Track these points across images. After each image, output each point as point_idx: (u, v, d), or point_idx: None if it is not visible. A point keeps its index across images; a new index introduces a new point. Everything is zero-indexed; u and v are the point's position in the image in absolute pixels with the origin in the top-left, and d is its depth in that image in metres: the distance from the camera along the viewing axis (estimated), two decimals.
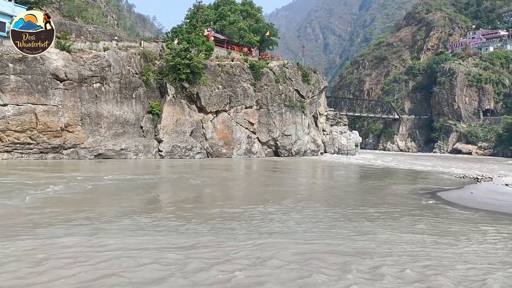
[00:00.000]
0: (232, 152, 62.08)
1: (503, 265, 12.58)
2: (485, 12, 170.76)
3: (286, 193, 26.41)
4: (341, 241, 14.41)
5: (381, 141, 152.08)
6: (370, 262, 12.15)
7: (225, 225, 16.16)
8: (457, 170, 54.03)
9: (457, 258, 13.07)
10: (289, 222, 17.38)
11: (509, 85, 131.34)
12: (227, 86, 62.96)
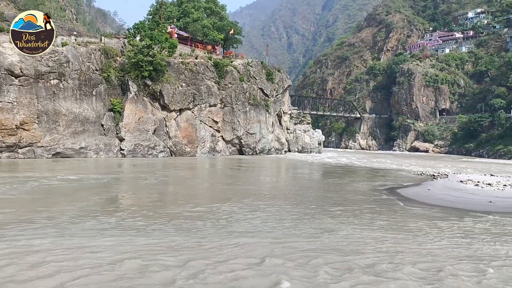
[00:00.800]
0: (196, 151, 61.59)
1: (459, 260, 13.11)
2: (442, 14, 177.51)
3: (250, 192, 26.47)
4: (306, 239, 14.60)
5: (343, 140, 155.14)
6: (337, 258, 12.37)
7: (192, 225, 16.00)
8: (415, 168, 55.89)
9: (417, 253, 13.51)
10: (255, 221, 17.43)
11: (463, 85, 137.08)
12: (191, 84, 62.36)
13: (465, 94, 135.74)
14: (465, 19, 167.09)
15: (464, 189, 31.96)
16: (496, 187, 32.85)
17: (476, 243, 15.17)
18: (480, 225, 18.58)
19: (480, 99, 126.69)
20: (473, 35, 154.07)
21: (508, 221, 19.64)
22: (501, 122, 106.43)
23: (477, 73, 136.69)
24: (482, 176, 42.48)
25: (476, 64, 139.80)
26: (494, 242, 15.42)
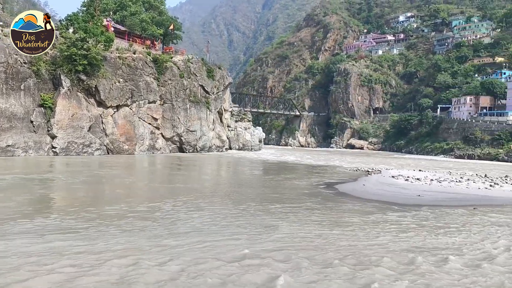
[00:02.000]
0: (134, 149, 59.81)
1: (400, 252, 13.79)
2: (375, 17, 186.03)
3: (191, 190, 26.15)
4: (246, 236, 14.66)
5: (283, 137, 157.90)
6: (279, 255, 12.53)
7: (135, 226, 15.48)
8: (351, 164, 58.12)
9: (357, 247, 14.03)
10: (196, 220, 17.23)
11: (395, 85, 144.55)
12: (128, 80, 60.38)
13: (397, 94, 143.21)
14: (396, 22, 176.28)
15: (396, 184, 33.68)
16: (424, 181, 34.97)
17: (408, 235, 16.05)
18: (409, 218, 19.68)
19: (410, 98, 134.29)
20: (404, 37, 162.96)
21: (434, 213, 20.97)
22: (429, 120, 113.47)
23: (407, 74, 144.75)
24: (411, 172, 45.06)
25: (406, 66, 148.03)
26: (422, 233, 16.42)
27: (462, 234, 16.51)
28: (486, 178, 39.56)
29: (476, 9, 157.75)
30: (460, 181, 35.48)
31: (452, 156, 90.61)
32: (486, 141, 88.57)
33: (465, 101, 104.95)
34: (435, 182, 34.43)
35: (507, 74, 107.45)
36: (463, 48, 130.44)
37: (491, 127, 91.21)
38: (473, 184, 33.64)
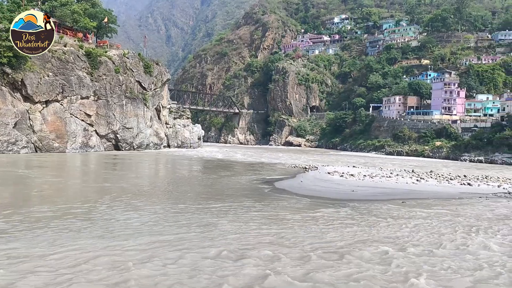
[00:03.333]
0: (66, 146, 56.86)
1: (327, 245, 14.25)
2: (312, 18, 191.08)
3: (127, 190, 25.34)
4: (189, 234, 14.47)
5: (222, 134, 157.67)
6: (213, 251, 12.48)
7: (72, 228, 14.69)
8: (289, 161, 59.28)
9: (294, 242, 14.33)
10: (137, 220, 16.72)
11: (331, 85, 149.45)
12: (59, 74, 57.23)
13: (332, 93, 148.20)
14: (332, 23, 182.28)
15: (332, 180, 34.86)
16: (357, 177, 36.52)
17: (343, 229, 16.68)
18: (345, 213, 20.47)
19: (345, 97, 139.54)
20: (339, 38, 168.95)
21: (366, 208, 21.97)
22: (362, 119, 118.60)
23: (342, 74, 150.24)
24: (346, 168, 46.86)
25: (341, 66, 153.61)
26: (352, 227, 17.15)
27: (399, 228, 17.45)
28: (413, 173, 42.09)
29: (405, 13, 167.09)
30: (390, 177, 37.46)
31: (383, 152, 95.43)
32: (413, 138, 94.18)
33: (395, 101, 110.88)
34: (367, 178, 36.06)
35: (432, 75, 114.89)
36: (393, 50, 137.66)
37: (417, 125, 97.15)
38: (401, 179, 35.65)
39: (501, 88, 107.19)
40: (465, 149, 78.79)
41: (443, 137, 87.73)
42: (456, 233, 16.84)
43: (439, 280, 11.24)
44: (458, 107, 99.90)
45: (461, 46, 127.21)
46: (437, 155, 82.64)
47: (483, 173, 46.05)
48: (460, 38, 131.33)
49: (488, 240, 15.62)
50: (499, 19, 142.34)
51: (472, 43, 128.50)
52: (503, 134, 72.57)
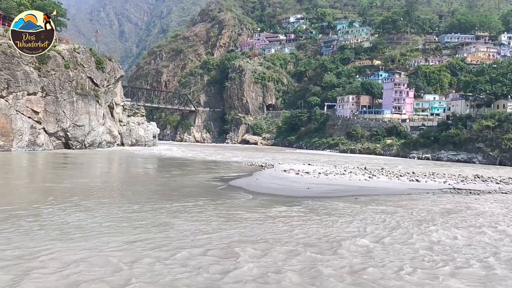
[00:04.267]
0: (11, 145, 54.03)
1: (284, 243, 14.39)
2: (268, 17, 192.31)
3: (78, 190, 24.43)
4: (140, 237, 14.15)
5: (178, 132, 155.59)
6: (166, 254, 12.27)
7: (20, 230, 13.92)
8: (246, 159, 59.40)
9: (252, 241, 14.36)
10: (89, 221, 16.15)
11: (286, 83, 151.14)
12: (4, 69, 54.27)
13: (288, 92, 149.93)
14: (287, 23, 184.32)
15: (287, 177, 35.26)
16: (312, 175, 37.17)
17: (300, 226, 16.92)
18: (301, 211, 20.76)
19: (300, 96, 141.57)
20: (294, 38, 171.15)
21: (321, 205, 22.41)
22: (317, 117, 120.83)
23: (298, 73, 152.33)
24: (302, 166, 47.56)
25: (297, 65, 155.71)
26: (308, 223, 17.45)
27: (355, 223, 17.90)
28: (366, 170, 43.38)
29: (358, 15, 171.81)
30: (344, 174, 38.41)
31: (337, 150, 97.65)
32: (366, 136, 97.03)
33: (348, 100, 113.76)
34: (322, 175, 36.79)
35: (383, 76, 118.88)
36: (346, 50, 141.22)
37: (370, 124, 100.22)
38: (354, 177, 36.65)
39: (447, 88, 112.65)
40: (414, 147, 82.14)
41: (394, 136, 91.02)
42: (407, 227, 17.53)
43: (396, 267, 11.67)
44: (407, 106, 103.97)
45: (410, 48, 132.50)
46: (388, 152, 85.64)
47: (430, 170, 48.22)
48: (409, 40, 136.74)
49: (435, 232, 16.39)
50: (445, 22, 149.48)
51: (420, 45, 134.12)
52: (449, 132, 76.26)
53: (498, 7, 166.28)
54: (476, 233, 16.94)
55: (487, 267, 12.67)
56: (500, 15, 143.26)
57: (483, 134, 70.55)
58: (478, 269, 12.50)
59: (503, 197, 27.98)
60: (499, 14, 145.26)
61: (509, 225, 18.77)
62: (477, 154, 69.47)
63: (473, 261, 13.15)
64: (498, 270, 12.44)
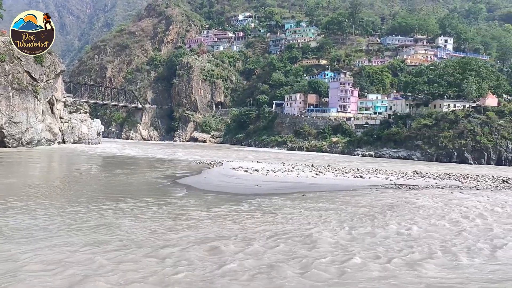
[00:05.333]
0: None
1: (228, 239, 14.39)
2: (216, 14, 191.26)
3: (14, 191, 23.07)
4: (92, 236, 13.60)
5: (124, 130, 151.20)
6: (114, 254, 11.90)
7: None
8: (194, 157, 58.79)
9: (203, 239, 14.22)
10: (31, 224, 15.26)
11: (235, 81, 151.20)
12: None
13: (237, 89, 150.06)
14: (236, 21, 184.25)
15: (236, 175, 35.32)
16: (261, 172, 37.47)
17: (250, 223, 16.98)
18: (247, 208, 20.87)
19: (249, 94, 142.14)
20: (243, 36, 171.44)
21: (270, 202, 22.65)
22: (265, 115, 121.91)
23: (246, 70, 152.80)
24: (250, 163, 47.78)
25: (246, 63, 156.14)
26: (258, 220, 17.58)
27: (304, 218, 18.21)
28: (313, 167, 44.35)
29: (305, 15, 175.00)
30: (291, 171, 39.05)
31: (285, 148, 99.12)
32: (313, 134, 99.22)
33: (296, 98, 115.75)
34: (271, 173, 37.19)
35: (329, 75, 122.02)
36: (294, 50, 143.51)
37: (316, 122, 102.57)
38: (302, 174, 37.37)
39: (389, 88, 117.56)
40: (358, 144, 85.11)
41: (339, 134, 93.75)
42: (352, 221, 18.14)
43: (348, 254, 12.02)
44: (352, 105, 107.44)
45: (355, 48, 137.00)
46: (334, 150, 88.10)
47: (373, 166, 50.17)
48: (353, 41, 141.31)
49: (377, 226, 17.09)
50: (387, 25, 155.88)
51: (364, 46, 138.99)
52: (390, 130, 79.71)
53: (436, 11, 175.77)
54: (422, 225, 17.84)
55: (450, 254, 13.48)
56: (437, 19, 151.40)
57: (421, 132, 74.40)
58: (443, 256, 13.49)
59: (439, 192, 29.67)
60: (437, 18, 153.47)
61: (445, 218, 19.93)
62: (416, 151, 73.16)
63: (435, 248, 13.94)
64: (461, 257, 13.51)
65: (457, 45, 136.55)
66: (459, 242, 15.58)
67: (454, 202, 24.64)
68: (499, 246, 15.14)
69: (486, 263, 13.25)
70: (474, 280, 11.62)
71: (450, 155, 68.73)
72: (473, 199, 26.00)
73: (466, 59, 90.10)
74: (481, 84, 78.46)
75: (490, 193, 30.07)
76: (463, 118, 71.50)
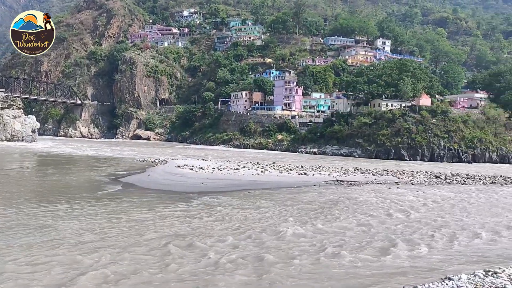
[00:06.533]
0: None
1: (176, 237, 14.19)
2: (160, 9, 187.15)
3: None
4: (26, 238, 12.84)
5: (62, 127, 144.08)
6: (63, 258, 11.35)
7: None
8: (138, 155, 57.25)
9: (149, 240, 13.88)
10: None
11: (180, 78, 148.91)
12: None
13: (182, 86, 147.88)
14: (181, 16, 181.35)
15: (181, 173, 34.84)
16: (207, 170, 37.23)
17: (196, 222, 16.83)
18: (192, 206, 20.68)
19: (194, 91, 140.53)
20: (188, 32, 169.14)
21: (215, 199, 22.57)
22: (211, 112, 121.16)
23: (192, 67, 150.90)
24: (196, 161, 47.33)
25: (191, 60, 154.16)
26: (202, 218, 17.48)
27: (248, 216, 18.29)
28: (258, 165, 44.72)
29: (250, 13, 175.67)
30: (237, 169, 39.16)
31: (231, 145, 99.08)
32: (258, 132, 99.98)
33: (242, 96, 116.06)
34: (216, 170, 37.06)
35: (274, 74, 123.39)
36: (239, 47, 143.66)
37: (262, 120, 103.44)
38: (248, 171, 37.58)
39: (331, 87, 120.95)
40: (302, 142, 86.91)
41: (284, 131, 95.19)
42: (296, 216, 18.51)
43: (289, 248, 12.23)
44: (296, 103, 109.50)
45: (299, 48, 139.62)
46: (279, 147, 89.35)
47: (317, 163, 51.48)
48: (298, 41, 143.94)
49: (318, 221, 17.59)
50: (330, 25, 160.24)
51: (307, 46, 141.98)
52: (333, 128, 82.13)
53: (375, 14, 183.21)
54: (361, 220, 18.54)
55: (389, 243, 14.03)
56: (376, 22, 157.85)
57: (362, 130, 77.34)
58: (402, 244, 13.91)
59: (378, 187, 31.04)
60: (376, 21, 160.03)
61: (384, 212, 20.88)
62: (357, 148, 75.97)
63: (395, 238, 14.42)
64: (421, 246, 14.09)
65: (395, 47, 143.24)
66: (400, 232, 16.40)
67: (392, 197, 25.88)
68: (432, 236, 16.12)
69: (424, 253, 14.07)
70: (419, 266, 12.31)
71: (388, 152, 72.02)
72: (408, 194, 27.45)
73: (403, 61, 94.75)
74: (416, 85, 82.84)
75: (424, 187, 31.91)
76: (399, 117, 75.17)
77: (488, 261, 13.17)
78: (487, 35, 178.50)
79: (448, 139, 70.34)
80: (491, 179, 39.05)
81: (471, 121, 73.29)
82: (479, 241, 15.92)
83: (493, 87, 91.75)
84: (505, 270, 11.78)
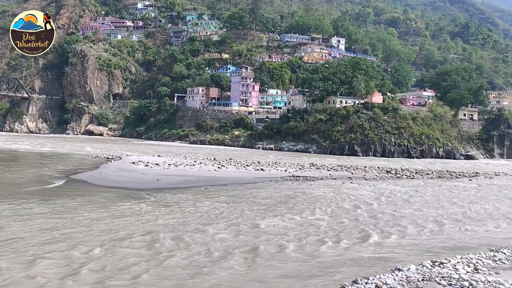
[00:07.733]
0: None
1: (130, 235, 13.88)
2: (113, 0, 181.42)
3: None
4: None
5: (7, 122, 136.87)
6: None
7: None
8: (90, 151, 55.35)
9: (102, 242, 13.46)
10: None
11: (135, 72, 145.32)
12: None
13: (136, 81, 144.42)
14: (135, 9, 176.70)
15: (136, 170, 34.10)
16: (162, 166, 36.64)
17: (151, 220, 16.51)
18: (146, 203, 20.29)
19: (149, 86, 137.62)
20: (143, 25, 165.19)
21: (171, 196, 22.27)
22: (166, 108, 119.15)
23: (146, 62, 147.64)
24: (151, 157, 46.39)
25: (146, 54, 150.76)
26: (155, 217, 17.20)
27: (204, 212, 18.15)
28: (215, 161, 44.50)
29: (207, 8, 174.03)
30: (194, 165, 38.80)
31: (188, 141, 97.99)
32: (215, 128, 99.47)
33: (198, 91, 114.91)
34: (172, 167, 36.55)
35: (231, 69, 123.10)
36: (196, 42, 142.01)
37: (219, 115, 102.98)
38: (204, 167, 37.35)
39: (288, 84, 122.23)
40: (259, 138, 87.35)
41: (241, 127, 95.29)
42: (252, 212, 18.60)
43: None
44: (253, 99, 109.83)
45: (256, 44, 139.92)
46: (236, 143, 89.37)
47: (274, 159, 51.95)
48: (254, 37, 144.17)
49: (277, 217, 17.78)
50: (286, 22, 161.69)
51: (264, 42, 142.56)
52: (289, 125, 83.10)
53: (330, 12, 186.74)
54: (317, 214, 18.88)
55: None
56: (331, 20, 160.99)
57: (317, 126, 78.77)
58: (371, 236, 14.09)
59: (333, 182, 31.77)
60: (330, 19, 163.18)
61: (338, 206, 21.41)
62: (313, 144, 77.34)
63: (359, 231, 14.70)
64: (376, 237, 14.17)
65: (349, 45, 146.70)
66: (353, 225, 16.86)
67: (346, 192, 26.57)
68: (381, 228, 16.72)
69: (379, 241, 14.54)
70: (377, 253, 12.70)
71: (342, 148, 73.81)
72: (361, 189, 28.30)
73: (356, 59, 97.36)
74: (369, 83, 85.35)
75: (376, 182, 33.00)
76: (353, 114, 77.22)
77: (434, 251, 13.82)
78: (435, 35, 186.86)
79: (399, 136, 73.11)
80: (438, 173, 41.02)
81: (420, 118, 76.57)
82: (426, 232, 16.67)
83: (440, 86, 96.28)
84: (450, 260, 12.43)
